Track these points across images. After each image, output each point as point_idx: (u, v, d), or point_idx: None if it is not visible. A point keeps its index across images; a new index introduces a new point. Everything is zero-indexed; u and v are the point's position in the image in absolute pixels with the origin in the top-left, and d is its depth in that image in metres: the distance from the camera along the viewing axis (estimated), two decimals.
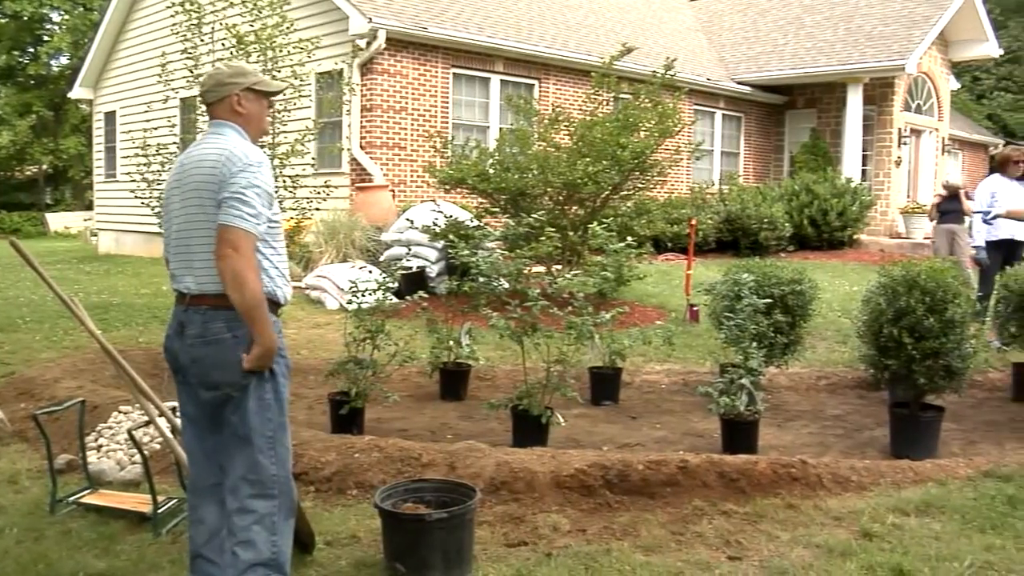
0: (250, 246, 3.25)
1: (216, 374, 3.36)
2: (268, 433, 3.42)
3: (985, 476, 5.28)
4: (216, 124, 3.52)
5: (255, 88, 3.56)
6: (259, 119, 3.62)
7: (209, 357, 3.36)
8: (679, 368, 8.32)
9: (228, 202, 3.24)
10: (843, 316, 10.25)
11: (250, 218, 3.25)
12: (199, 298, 3.37)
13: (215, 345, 3.34)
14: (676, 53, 17.15)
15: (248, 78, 3.54)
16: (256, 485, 3.40)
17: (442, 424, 6.59)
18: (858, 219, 19.25)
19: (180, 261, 3.45)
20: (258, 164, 3.34)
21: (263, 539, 3.39)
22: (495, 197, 11.32)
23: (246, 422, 3.38)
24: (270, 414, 3.43)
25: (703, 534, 4.46)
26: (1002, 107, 38.98)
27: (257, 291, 3.25)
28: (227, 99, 3.50)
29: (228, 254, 3.20)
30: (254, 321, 3.26)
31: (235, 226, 3.22)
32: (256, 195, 3.29)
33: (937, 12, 20.92)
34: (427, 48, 15.35)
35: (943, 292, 5.81)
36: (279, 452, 3.46)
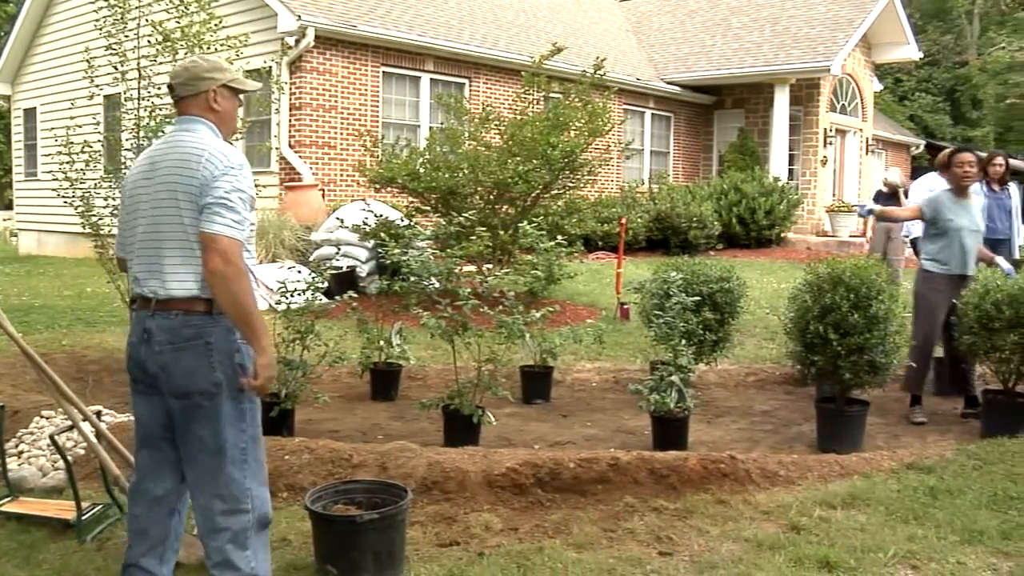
0: (238, 253, 3.12)
1: (188, 382, 3.19)
2: (241, 445, 3.27)
3: (908, 468, 5.40)
4: (188, 120, 3.36)
5: (231, 85, 3.42)
6: (232, 118, 3.50)
7: (180, 364, 3.19)
8: (610, 366, 8.37)
9: (213, 208, 3.11)
10: (771, 313, 10.40)
11: (236, 225, 3.12)
12: (168, 303, 3.20)
13: (187, 351, 3.19)
14: (606, 53, 17.24)
15: (225, 74, 3.41)
16: (229, 500, 3.25)
17: (373, 425, 6.56)
18: (786, 217, 19.56)
19: (145, 263, 3.27)
20: (240, 167, 3.22)
21: (239, 557, 3.25)
22: (426, 196, 11.29)
23: (218, 434, 3.22)
24: (244, 425, 3.28)
25: (634, 530, 4.49)
26: (923, 108, 39.86)
27: (252, 301, 3.14)
28: (203, 95, 3.35)
29: (217, 264, 3.07)
30: (253, 331, 3.15)
31: (223, 235, 3.09)
32: (240, 199, 3.16)
33: (860, 15, 21.33)
34: (357, 46, 15.26)
35: (867, 289, 5.91)
36: (252, 465, 3.31)
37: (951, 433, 6.65)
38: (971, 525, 4.49)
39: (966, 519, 4.58)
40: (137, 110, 6.99)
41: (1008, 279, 6.46)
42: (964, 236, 6.99)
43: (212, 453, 3.23)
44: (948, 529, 4.46)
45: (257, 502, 3.31)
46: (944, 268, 6.98)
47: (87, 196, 6.99)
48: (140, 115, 6.95)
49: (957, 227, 6.97)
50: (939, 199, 7.10)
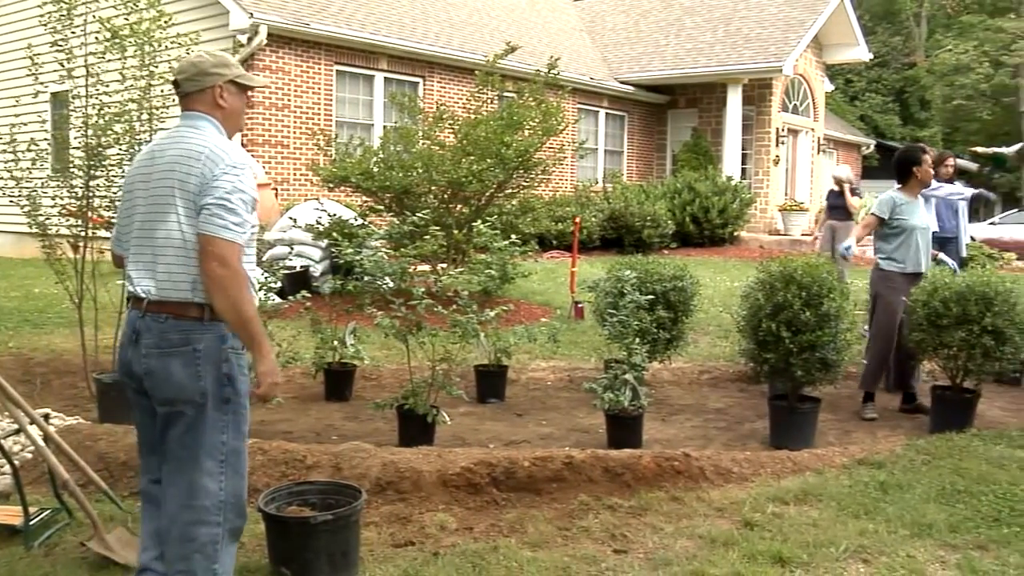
0: (238, 258, 3.04)
1: (171, 389, 3.10)
2: (220, 457, 3.16)
3: (859, 464, 5.47)
4: (192, 116, 3.26)
5: (238, 81, 3.34)
6: (238, 115, 3.40)
7: (165, 370, 3.09)
8: (564, 365, 8.38)
9: (212, 209, 3.02)
10: (724, 311, 10.47)
11: (235, 227, 3.03)
12: (159, 305, 3.11)
13: (173, 357, 3.09)
14: (560, 52, 17.28)
15: (232, 70, 3.32)
16: (200, 512, 3.15)
17: (327, 425, 6.51)
18: (739, 216, 19.73)
19: (140, 262, 3.17)
20: (242, 166, 3.13)
21: (203, 568, 3.17)
22: (379, 195, 11.24)
23: (198, 442, 3.13)
24: (225, 436, 3.17)
25: (589, 528, 4.50)
26: (873, 109, 40.37)
27: (250, 307, 3.07)
28: (209, 90, 3.26)
29: (214, 268, 3.00)
30: (252, 337, 3.10)
31: (222, 237, 3.00)
32: (241, 201, 3.07)
33: (811, 16, 21.57)
34: (310, 44, 15.18)
35: (818, 287, 5.97)
36: (230, 478, 3.20)
37: (901, 429, 6.74)
38: (920, 519, 4.56)
39: (915, 513, 4.64)
40: (85, 108, 6.88)
41: (955, 276, 6.56)
42: (919, 235, 7.10)
43: (190, 462, 3.14)
44: (898, 523, 4.52)
45: (230, 515, 3.22)
46: (900, 266, 7.08)
47: (34, 195, 6.88)
48: (88, 113, 6.84)
49: (912, 226, 7.08)
50: (893, 199, 7.20)
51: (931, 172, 7.19)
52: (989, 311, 6.20)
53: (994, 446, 5.86)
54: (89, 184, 6.79)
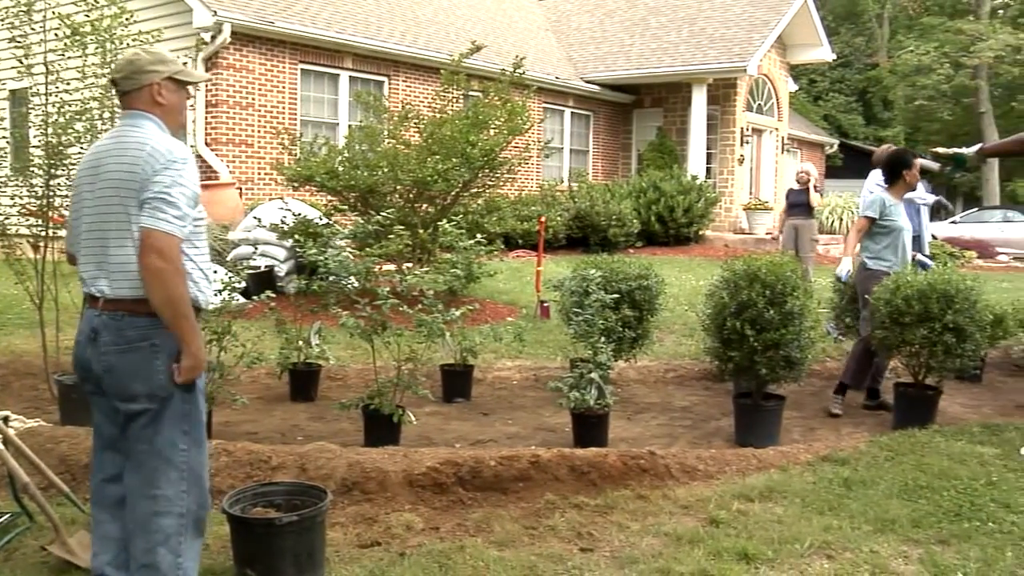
0: (175, 251, 3.06)
1: (133, 385, 3.14)
2: (183, 447, 3.21)
3: (823, 461, 5.51)
4: (132, 115, 3.27)
5: (176, 78, 3.33)
6: (179, 111, 3.40)
7: (125, 366, 3.13)
8: (530, 364, 8.39)
9: (151, 203, 3.04)
10: (689, 310, 10.52)
11: (175, 220, 3.06)
12: (114, 303, 3.14)
13: (132, 353, 3.13)
14: (526, 52, 17.31)
15: (169, 66, 3.31)
16: (164, 502, 3.18)
17: (292, 426, 6.48)
18: (703, 215, 19.81)
19: (92, 262, 3.20)
20: (182, 161, 3.14)
21: (168, 562, 3.18)
22: (344, 195, 11.20)
23: (161, 436, 3.17)
24: (187, 427, 3.23)
25: (556, 527, 4.50)
26: (836, 108, 40.73)
27: (184, 299, 3.09)
28: (147, 88, 3.26)
29: (152, 261, 3.02)
30: (182, 331, 3.10)
31: (160, 230, 3.03)
32: (181, 195, 3.09)
33: (775, 17, 21.70)
34: (274, 43, 15.09)
35: (782, 285, 6.01)
36: (193, 469, 3.25)
37: (865, 426, 6.81)
38: (883, 515, 4.60)
39: (879, 509, 4.68)
40: (45, 106, 6.80)
41: (917, 275, 6.62)
42: (904, 235, 7.21)
43: (153, 455, 3.18)
44: (862, 519, 4.56)
45: (193, 507, 3.25)
46: (886, 265, 7.15)
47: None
48: (48, 111, 6.75)
49: (899, 227, 7.18)
50: (883, 200, 7.27)
51: (918, 176, 7.27)
52: (950, 309, 6.27)
53: (955, 442, 5.93)
54: (49, 183, 6.71)
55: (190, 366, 3.16)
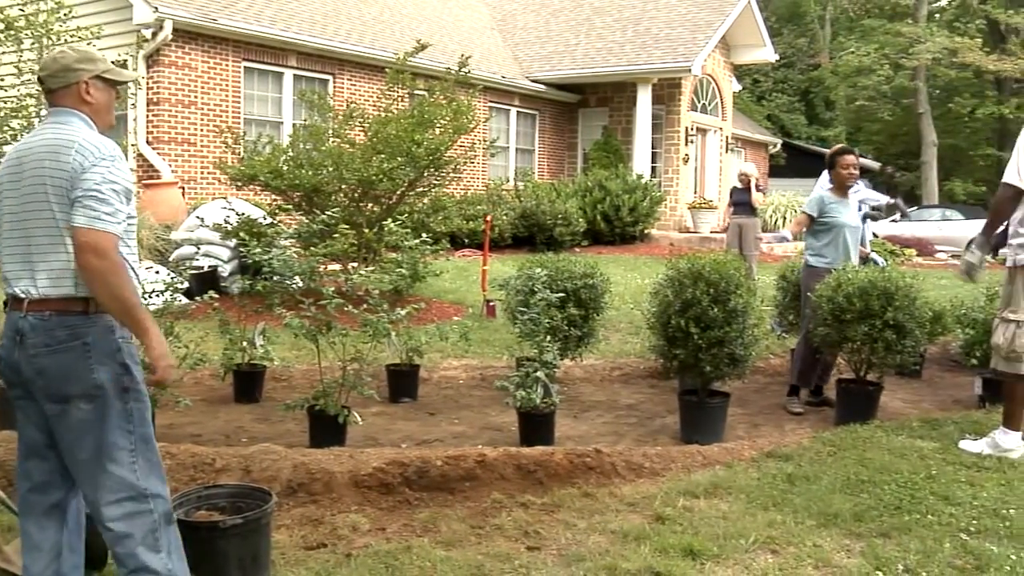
0: (113, 247, 3.00)
1: (66, 386, 3.06)
2: (130, 447, 3.14)
3: (767, 457, 5.57)
4: (59, 112, 3.21)
5: (104, 76, 3.27)
6: (107, 110, 3.34)
7: (57, 367, 3.06)
8: (476, 363, 8.38)
9: (83, 201, 2.98)
10: (635, 308, 10.58)
11: (108, 217, 3.00)
12: (42, 303, 3.06)
13: (63, 354, 3.05)
14: (471, 51, 17.29)
15: (97, 65, 3.26)
16: (128, 503, 3.12)
17: (237, 427, 6.42)
18: (649, 214, 19.93)
19: (16, 262, 3.13)
20: (112, 158, 3.08)
21: (154, 559, 3.13)
22: (289, 194, 11.11)
23: (104, 437, 3.09)
24: (131, 426, 3.14)
25: (502, 526, 4.50)
26: (779, 108, 41.20)
27: (132, 294, 3.04)
28: (74, 86, 3.20)
29: (90, 260, 2.96)
30: (138, 324, 3.06)
31: (95, 228, 2.97)
32: (113, 191, 3.03)
33: (719, 18, 21.90)
34: (217, 40, 14.93)
35: (726, 283, 6.06)
36: (144, 465, 3.17)
37: (808, 422, 6.90)
38: (826, 509, 4.65)
39: (822, 503, 4.73)
40: None
41: (859, 273, 6.70)
42: (846, 232, 7.28)
43: (99, 458, 3.10)
44: (805, 514, 4.61)
45: (157, 500, 3.19)
46: (827, 263, 7.22)
47: None
48: None
49: (840, 224, 7.25)
50: (824, 198, 7.35)
51: (845, 174, 7.33)
52: (890, 306, 6.36)
53: (896, 437, 6.02)
54: None
55: (157, 355, 3.11)
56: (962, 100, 38.04)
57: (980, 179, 39.87)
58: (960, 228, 26.39)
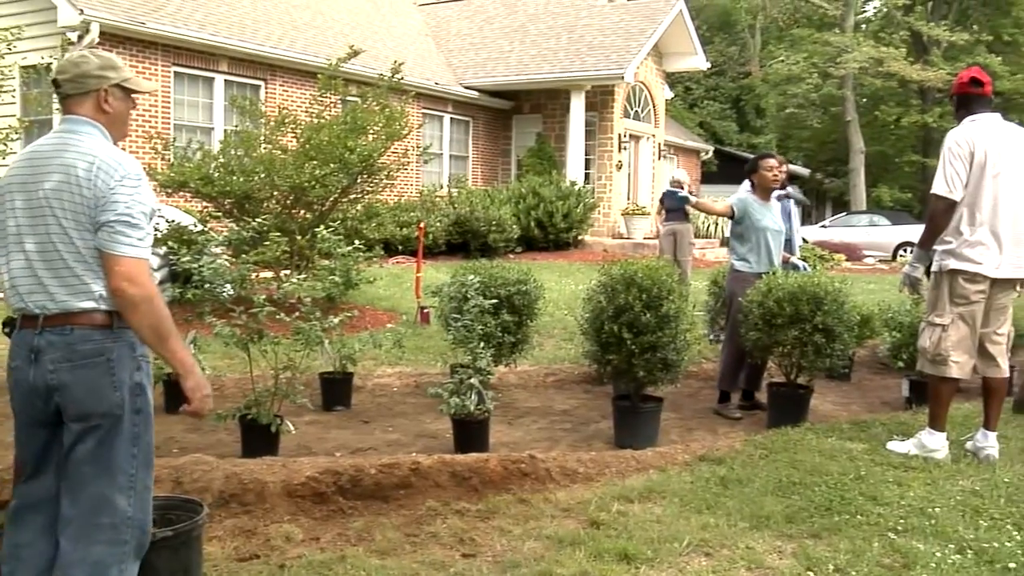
0: (146, 274, 2.94)
1: (87, 403, 2.95)
2: (131, 471, 3.05)
3: (700, 460, 5.61)
4: (75, 121, 3.07)
5: (125, 86, 3.17)
6: (124, 121, 3.23)
7: (80, 383, 2.94)
8: (411, 370, 8.34)
9: (115, 227, 2.90)
10: (569, 314, 10.61)
11: (140, 243, 2.94)
12: (62, 317, 2.95)
13: (87, 369, 2.95)
14: (405, 57, 17.23)
15: (119, 73, 3.15)
16: (108, 530, 3.01)
17: (167, 438, 6.31)
18: (582, 221, 20.04)
19: (27, 276, 2.99)
20: (137, 177, 2.99)
21: None
22: (220, 201, 10.98)
23: (111, 458, 2.99)
24: (136, 450, 3.06)
25: (437, 534, 4.48)
26: (711, 116, 41.71)
27: (167, 321, 2.96)
28: (93, 94, 3.08)
29: (126, 288, 2.89)
30: (173, 353, 3.00)
31: (129, 256, 2.91)
32: (142, 214, 2.96)
33: (651, 26, 22.11)
34: (146, 44, 14.72)
35: (658, 289, 6.10)
36: (139, 493, 3.09)
37: (740, 425, 6.98)
38: (759, 511, 4.70)
39: (754, 506, 4.78)
40: None
41: (789, 278, 6.79)
42: (769, 236, 7.36)
43: (102, 480, 3.00)
44: (738, 516, 4.65)
45: (136, 532, 3.09)
46: (751, 267, 7.31)
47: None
48: None
49: (763, 228, 7.33)
50: (747, 201, 7.44)
51: (768, 178, 7.43)
52: (820, 310, 6.46)
53: (826, 439, 6.10)
54: None
55: (192, 385, 3.07)
56: (888, 109, 38.88)
57: (906, 185, 40.81)
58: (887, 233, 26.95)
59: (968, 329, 5.70)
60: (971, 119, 5.74)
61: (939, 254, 5.76)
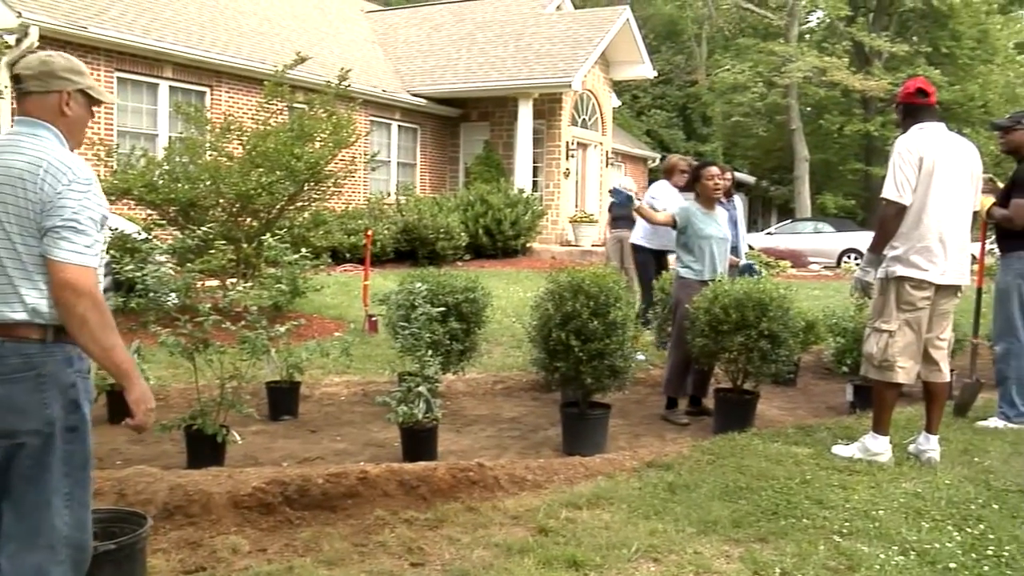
0: (92, 283, 2.85)
1: (13, 419, 2.86)
2: (66, 490, 2.94)
3: (648, 466, 5.63)
4: (32, 123, 3.00)
5: (88, 92, 3.11)
6: (81, 128, 3.17)
7: (6, 398, 2.85)
8: (358, 379, 8.29)
9: (60, 232, 2.81)
10: (517, 322, 10.61)
11: (86, 250, 2.85)
12: None
13: (13, 384, 2.85)
14: (352, 64, 17.18)
15: (84, 78, 3.09)
16: (44, 550, 2.92)
17: (111, 450, 6.21)
18: (531, 228, 20.10)
19: None
20: (87, 181, 2.92)
21: None
22: (164, 209, 10.84)
23: (43, 477, 2.90)
24: (68, 468, 2.95)
25: (386, 543, 4.45)
26: (658, 124, 41.99)
27: (111, 333, 2.88)
28: (56, 95, 3.02)
29: (68, 298, 2.81)
30: (117, 367, 2.92)
31: (74, 263, 2.82)
32: (91, 220, 2.88)
33: (599, 34, 22.25)
34: (88, 49, 14.51)
35: (605, 296, 6.12)
36: (75, 511, 2.99)
37: (687, 431, 7.02)
38: (706, 516, 4.73)
39: (702, 511, 4.81)
40: None
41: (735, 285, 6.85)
42: (713, 244, 7.42)
43: (34, 500, 2.92)
44: (686, 522, 4.67)
45: (71, 551, 2.99)
46: (697, 274, 7.36)
47: None
48: None
49: (707, 236, 7.38)
50: (690, 210, 7.50)
51: (710, 186, 7.50)
52: (765, 316, 6.52)
53: (772, 444, 6.16)
54: None
55: (136, 398, 2.99)
56: (831, 117, 39.48)
57: (849, 193, 41.48)
58: (832, 240, 27.32)
59: (914, 335, 5.79)
60: (919, 127, 5.84)
61: (886, 260, 5.84)
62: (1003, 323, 7.14)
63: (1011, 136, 7.13)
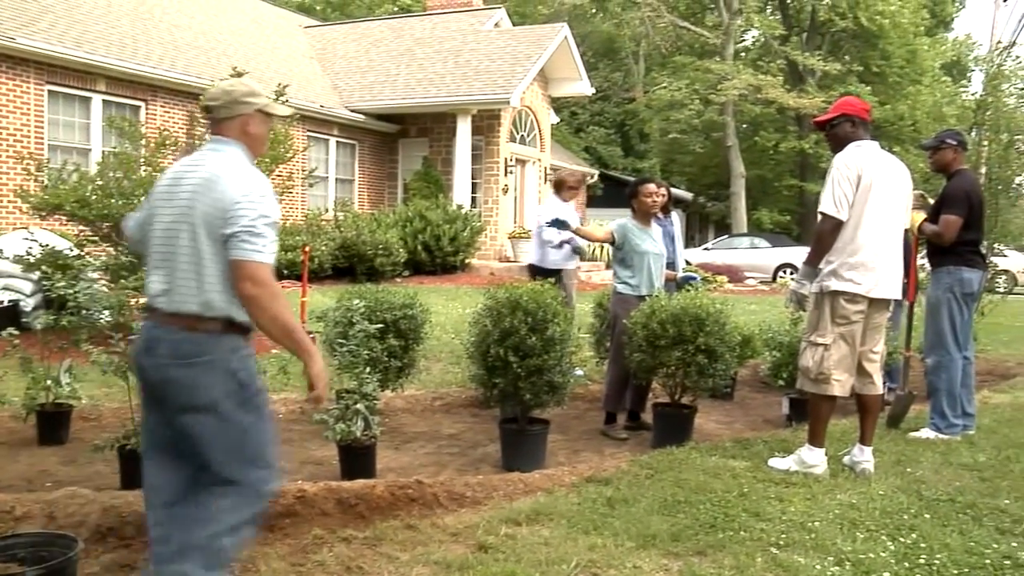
0: (269, 275, 3.27)
1: (189, 397, 3.31)
2: (236, 463, 3.42)
3: (587, 482, 5.64)
4: (221, 141, 3.50)
5: (265, 111, 3.60)
6: (262, 142, 3.64)
7: (183, 379, 3.31)
8: (296, 397, 8.20)
9: (240, 236, 3.23)
10: (456, 338, 10.59)
11: (263, 249, 3.26)
12: (173, 317, 3.33)
13: (188, 368, 3.30)
14: (289, 79, 17.08)
15: (260, 100, 3.57)
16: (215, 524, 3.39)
17: (41, 472, 6.07)
18: (469, 244, 20.08)
19: (157, 274, 3.40)
20: (263, 192, 3.34)
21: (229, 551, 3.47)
22: (97, 225, 10.64)
23: (213, 454, 3.36)
24: (247, 436, 3.44)
25: (324, 562, 4.41)
26: (596, 140, 42.33)
27: (290, 316, 3.30)
28: (239, 119, 3.52)
29: (248, 288, 3.23)
30: (298, 344, 3.33)
31: (252, 260, 3.23)
32: (266, 225, 3.29)
33: (537, 51, 22.35)
34: (16, 61, 14.26)
35: (543, 312, 6.13)
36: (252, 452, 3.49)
37: (626, 445, 7.05)
38: (645, 531, 4.74)
39: (640, 525, 4.83)
40: None
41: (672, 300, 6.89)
42: (651, 260, 7.48)
43: (208, 473, 3.38)
44: (625, 536, 4.69)
45: (229, 539, 3.44)
46: (634, 290, 7.41)
47: None
48: None
49: (644, 251, 7.45)
50: (627, 227, 7.56)
51: (648, 202, 7.56)
52: (702, 331, 6.58)
53: (710, 457, 6.21)
54: None
55: (316, 372, 3.40)
56: (767, 134, 40.13)
57: (785, 208, 42.11)
58: (767, 255, 27.69)
59: (849, 348, 5.87)
60: (856, 145, 5.93)
61: (822, 275, 5.92)
62: (934, 336, 7.28)
63: (938, 155, 7.32)
